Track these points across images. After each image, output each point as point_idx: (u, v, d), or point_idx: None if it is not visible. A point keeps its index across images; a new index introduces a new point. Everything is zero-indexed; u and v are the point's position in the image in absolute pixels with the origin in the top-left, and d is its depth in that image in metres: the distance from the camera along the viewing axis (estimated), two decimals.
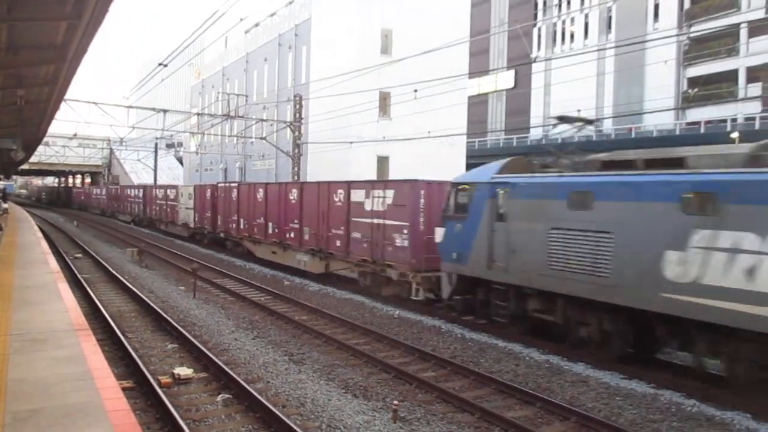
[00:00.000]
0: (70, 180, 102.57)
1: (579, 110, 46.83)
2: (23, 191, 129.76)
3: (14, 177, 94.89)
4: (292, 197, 22.25)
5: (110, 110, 25.36)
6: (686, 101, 49.27)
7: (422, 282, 15.78)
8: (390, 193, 17.06)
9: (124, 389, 7.02)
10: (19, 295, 9.66)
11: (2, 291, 9.98)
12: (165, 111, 28.42)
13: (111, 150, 74.84)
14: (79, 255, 26.46)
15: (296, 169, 31.35)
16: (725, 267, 8.88)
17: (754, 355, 8.89)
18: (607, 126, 53.34)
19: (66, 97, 18.98)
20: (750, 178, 8.90)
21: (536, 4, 65.72)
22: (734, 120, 42.99)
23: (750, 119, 42.61)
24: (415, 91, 25.80)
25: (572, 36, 60.73)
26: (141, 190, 46.62)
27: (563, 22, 61.99)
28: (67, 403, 5.11)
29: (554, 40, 62.76)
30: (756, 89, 45.20)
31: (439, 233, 14.82)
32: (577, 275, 11.08)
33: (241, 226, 26.77)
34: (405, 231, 16.23)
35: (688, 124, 47.99)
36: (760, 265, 8.49)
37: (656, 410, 9.10)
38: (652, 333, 10.52)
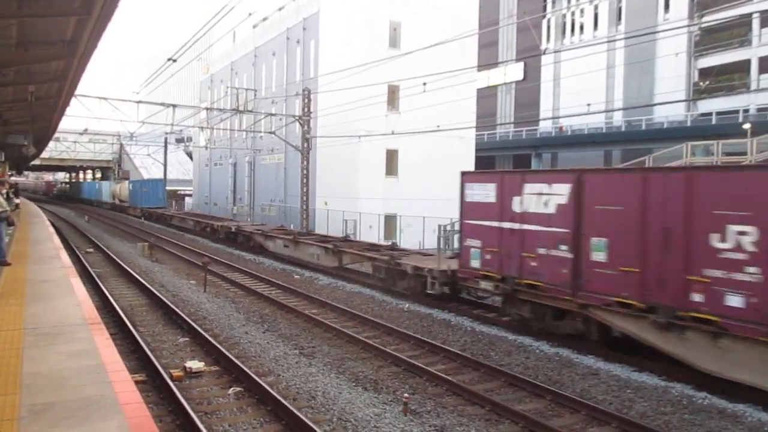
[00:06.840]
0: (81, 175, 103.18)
1: (589, 104, 46.58)
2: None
3: (30, 173, 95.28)
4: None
5: (120, 105, 25.43)
6: (698, 93, 48.76)
7: None
8: None
9: (136, 382, 7.08)
10: (32, 290, 9.75)
11: (16, 286, 10.07)
12: (174, 106, 28.37)
13: (121, 145, 75.14)
14: (91, 250, 26.65)
15: (305, 163, 31.37)
16: None
17: None
18: (618, 118, 52.96)
19: (76, 92, 19.06)
20: None
21: None
22: (746, 111, 42.53)
23: (763, 110, 42.15)
24: (424, 84, 25.66)
25: (582, 27, 60.19)
26: None
27: (573, 14, 61.47)
28: (82, 396, 5.15)
29: (564, 31, 62.24)
30: None
31: None
32: None
33: None
34: None
35: (700, 115, 47.55)
36: None
37: (667, 402, 9.08)
38: None
